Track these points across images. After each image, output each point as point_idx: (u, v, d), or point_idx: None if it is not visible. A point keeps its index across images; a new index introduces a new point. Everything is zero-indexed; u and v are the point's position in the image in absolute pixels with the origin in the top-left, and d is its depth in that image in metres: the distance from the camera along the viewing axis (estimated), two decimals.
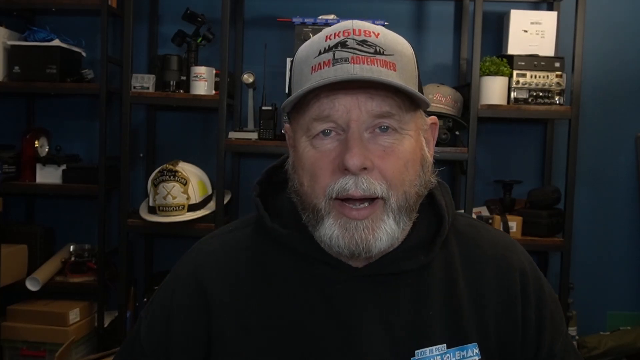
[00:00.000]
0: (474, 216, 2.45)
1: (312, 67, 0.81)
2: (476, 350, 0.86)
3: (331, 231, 0.81)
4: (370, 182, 0.79)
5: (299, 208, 0.86)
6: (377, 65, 0.79)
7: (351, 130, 0.79)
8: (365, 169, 0.79)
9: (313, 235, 0.85)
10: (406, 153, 0.82)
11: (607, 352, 2.56)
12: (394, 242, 0.83)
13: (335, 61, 0.79)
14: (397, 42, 0.84)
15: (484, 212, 2.57)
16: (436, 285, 0.87)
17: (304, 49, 0.85)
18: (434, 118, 0.91)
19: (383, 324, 0.84)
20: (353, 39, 0.80)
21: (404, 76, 0.82)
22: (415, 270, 0.87)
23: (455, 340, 0.86)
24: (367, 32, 0.82)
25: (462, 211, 2.42)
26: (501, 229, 2.42)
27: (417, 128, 0.85)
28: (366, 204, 0.80)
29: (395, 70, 0.81)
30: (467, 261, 0.90)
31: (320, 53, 0.81)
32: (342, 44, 0.80)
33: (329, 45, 0.81)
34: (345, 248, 0.80)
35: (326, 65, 0.79)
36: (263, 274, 0.88)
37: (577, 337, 2.58)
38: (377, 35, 0.82)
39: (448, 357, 0.85)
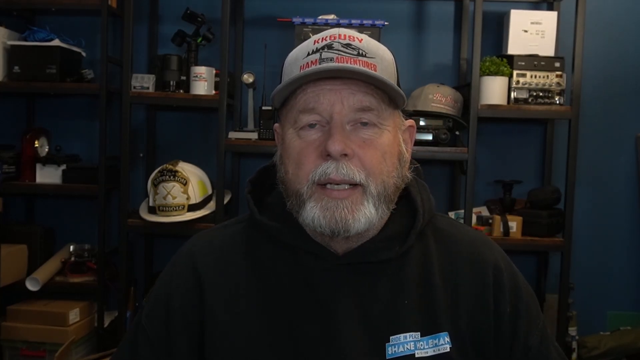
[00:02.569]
0: (474, 216, 2.46)
1: (301, 66, 0.89)
2: (447, 339, 0.91)
3: (313, 212, 0.87)
4: (350, 169, 0.86)
5: (285, 196, 0.93)
6: (360, 65, 0.88)
7: (334, 121, 0.87)
8: (345, 155, 0.86)
9: (297, 220, 0.91)
10: (384, 146, 0.90)
11: (607, 352, 2.56)
12: (371, 227, 0.90)
13: (321, 60, 0.88)
14: (378, 48, 0.92)
15: (484, 212, 2.57)
16: (413, 276, 0.93)
17: (294, 52, 0.94)
18: (411, 121, 0.98)
19: (361, 310, 0.90)
20: (339, 42, 0.89)
21: (384, 77, 0.89)
22: (393, 261, 0.93)
23: (428, 329, 0.91)
24: (351, 37, 0.91)
25: (462, 212, 2.43)
26: (501, 229, 2.42)
27: (395, 126, 0.93)
28: (346, 187, 0.87)
29: (376, 71, 0.89)
30: (443, 255, 0.96)
31: (308, 54, 0.90)
32: (329, 47, 0.89)
33: (316, 48, 0.90)
34: (327, 227, 0.87)
35: (313, 64, 0.88)
36: (253, 264, 0.95)
37: (577, 337, 2.58)
38: (360, 41, 0.91)
39: (421, 344, 0.90)
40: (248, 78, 2.52)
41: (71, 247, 2.73)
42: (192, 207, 2.45)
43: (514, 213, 2.52)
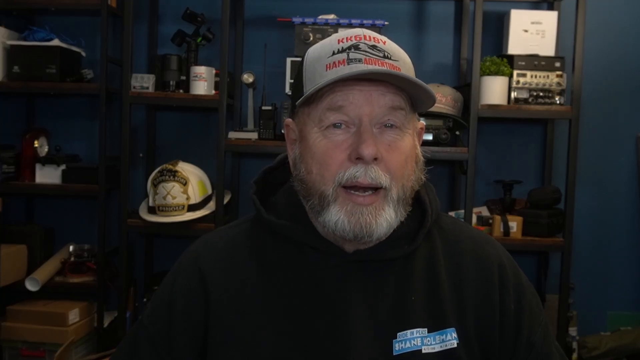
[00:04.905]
0: (474, 216, 2.46)
1: (327, 65, 0.89)
2: (454, 335, 0.91)
3: (337, 217, 0.87)
4: (378, 173, 0.86)
5: (303, 195, 0.92)
6: (386, 67, 0.87)
7: (363, 124, 0.87)
8: (376, 159, 0.86)
9: (317, 220, 0.91)
10: (406, 149, 0.90)
11: (608, 353, 2.56)
12: (390, 231, 0.90)
13: (349, 61, 0.87)
14: (400, 51, 0.93)
15: (484, 212, 2.57)
16: (419, 274, 0.94)
17: (315, 50, 0.93)
18: (422, 124, 0.99)
19: (368, 307, 0.91)
20: (365, 43, 0.89)
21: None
22: (400, 259, 0.94)
23: (435, 325, 0.91)
24: (376, 39, 0.91)
25: (462, 212, 2.43)
26: (501, 229, 2.42)
27: (414, 129, 0.94)
28: (370, 192, 0.88)
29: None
30: (448, 254, 0.97)
31: (333, 53, 0.89)
32: (355, 47, 0.89)
33: (342, 47, 0.89)
34: (351, 232, 0.87)
35: (341, 64, 0.88)
36: (259, 263, 0.95)
37: (577, 337, 2.58)
38: (384, 43, 0.91)
39: (428, 340, 0.90)
40: (248, 78, 2.52)
41: (71, 247, 2.73)
42: (192, 207, 2.45)
43: (514, 213, 2.52)
